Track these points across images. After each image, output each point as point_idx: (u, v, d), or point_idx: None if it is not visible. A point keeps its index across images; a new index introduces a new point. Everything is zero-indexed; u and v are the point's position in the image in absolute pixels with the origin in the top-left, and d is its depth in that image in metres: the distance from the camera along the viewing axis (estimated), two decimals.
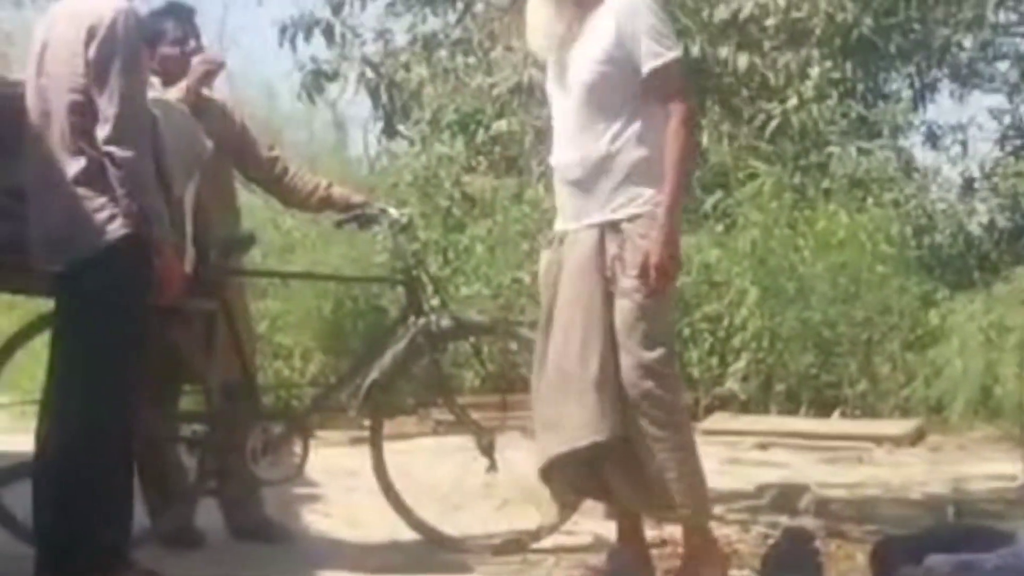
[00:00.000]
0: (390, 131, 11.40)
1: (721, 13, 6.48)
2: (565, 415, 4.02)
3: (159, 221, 3.89)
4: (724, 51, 6.94)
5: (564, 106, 4.17)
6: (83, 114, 3.83)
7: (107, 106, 3.79)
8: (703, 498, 4.16)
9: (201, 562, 4.56)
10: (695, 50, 6.88)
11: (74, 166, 3.84)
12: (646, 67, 3.98)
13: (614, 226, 4.02)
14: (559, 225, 4.23)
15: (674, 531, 4.72)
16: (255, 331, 5.53)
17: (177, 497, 4.72)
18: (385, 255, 8.57)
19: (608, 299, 3.99)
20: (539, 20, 4.19)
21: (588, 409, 3.97)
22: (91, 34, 3.80)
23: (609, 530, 4.70)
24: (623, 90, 4.03)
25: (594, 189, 4.06)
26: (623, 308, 3.98)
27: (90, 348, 3.88)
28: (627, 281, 3.97)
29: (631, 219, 4.01)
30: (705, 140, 9.94)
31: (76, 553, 3.84)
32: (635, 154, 4.03)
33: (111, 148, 3.78)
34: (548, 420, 4.10)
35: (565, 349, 4.04)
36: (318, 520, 5.40)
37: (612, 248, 4.01)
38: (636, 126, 4.03)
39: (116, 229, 3.83)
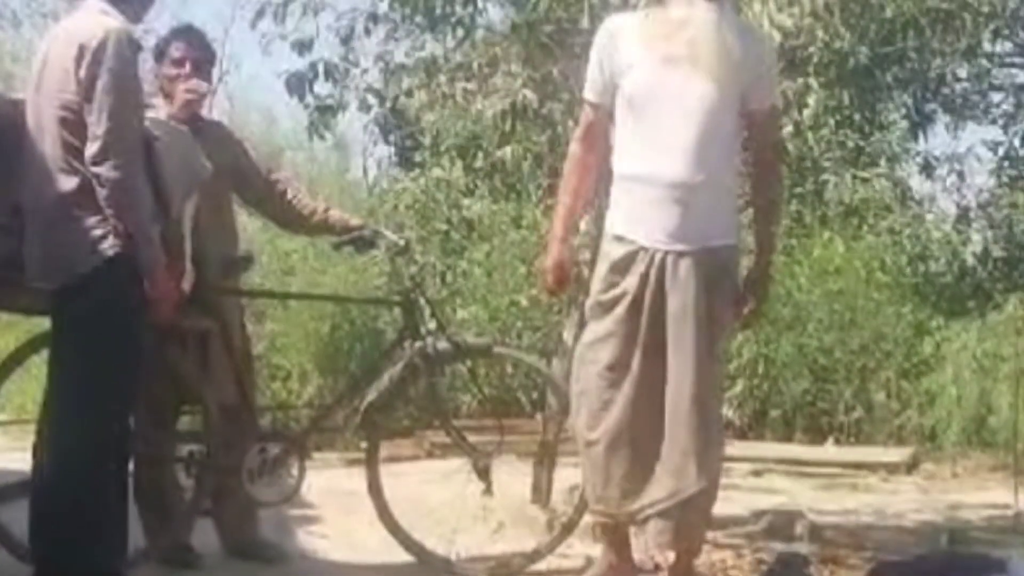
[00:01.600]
0: (404, 162, 11.46)
1: None
2: (706, 446, 3.99)
3: (147, 241, 3.87)
4: None
5: (679, 120, 4.02)
6: (73, 132, 3.83)
7: (95, 125, 3.79)
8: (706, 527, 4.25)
9: None
10: None
11: (67, 184, 3.84)
12: (760, 105, 4.06)
13: (718, 252, 4.03)
14: (646, 242, 4.04)
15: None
16: (253, 352, 5.54)
17: (174, 517, 4.73)
18: (384, 278, 8.59)
19: (710, 328, 3.99)
20: (670, 25, 4.05)
21: (715, 441, 4.05)
22: (82, 53, 3.82)
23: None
24: (732, 118, 4.05)
25: (697, 211, 3.99)
26: (712, 336, 4.00)
27: (83, 367, 3.88)
28: (723, 312, 4.03)
29: (730, 249, 4.07)
30: None
31: (72, 572, 3.84)
32: (730, 184, 4.11)
33: (98, 168, 3.78)
34: (684, 453, 3.98)
35: (698, 382, 3.96)
36: (314, 541, 5.40)
37: (714, 276, 4.00)
38: (733, 156, 4.11)
39: (107, 248, 3.83)
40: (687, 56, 3.99)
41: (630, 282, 4.02)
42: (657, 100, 4.04)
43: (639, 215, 4.06)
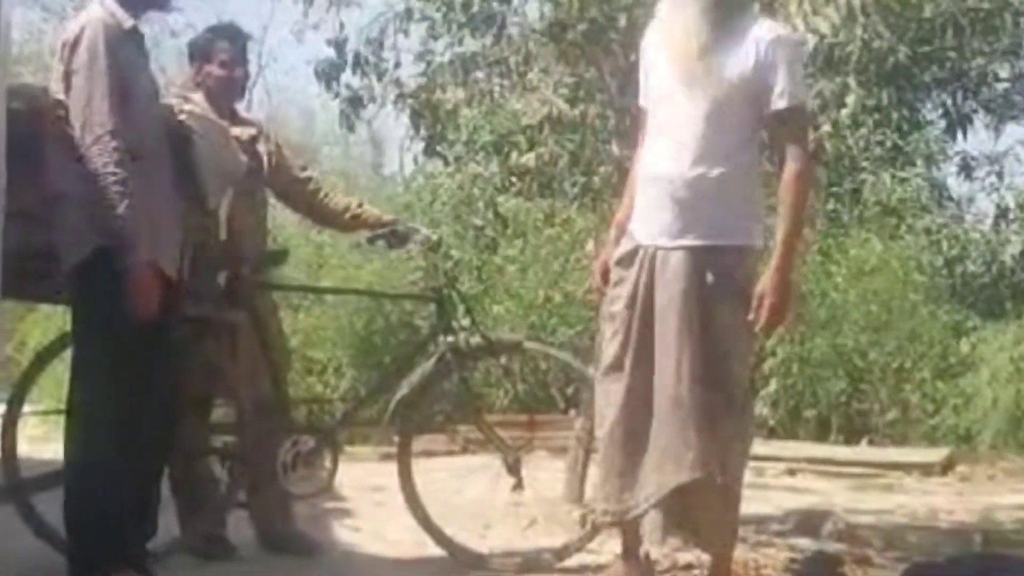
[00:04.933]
0: (430, 152, 11.48)
1: None
2: (687, 443, 3.93)
3: (121, 236, 3.81)
4: None
5: (684, 118, 4.00)
6: (60, 126, 3.85)
7: (74, 118, 3.82)
8: (735, 532, 4.21)
9: (231, 573, 4.60)
10: None
11: (62, 177, 3.88)
12: (774, 105, 3.92)
13: (719, 251, 3.95)
14: (645, 240, 4.06)
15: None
16: (288, 346, 5.57)
17: (208, 509, 4.77)
18: (419, 273, 8.63)
19: (704, 325, 3.94)
20: (678, 22, 4.03)
21: (710, 437, 3.95)
22: (63, 49, 3.88)
23: None
24: (745, 116, 3.97)
25: (699, 209, 3.96)
26: (719, 339, 3.93)
27: (79, 357, 3.96)
28: (722, 311, 3.94)
29: (734, 249, 3.97)
30: None
31: (105, 561, 3.88)
32: (745, 184, 4.00)
33: (77, 162, 3.80)
34: (664, 448, 3.97)
35: (678, 377, 3.93)
36: (347, 534, 5.44)
37: (710, 275, 3.94)
38: (748, 155, 4.01)
39: (92, 241, 3.83)
40: (697, 57, 3.97)
41: (628, 280, 4.05)
42: (667, 102, 4.06)
43: (643, 214, 4.09)
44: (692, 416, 3.91)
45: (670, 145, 4.03)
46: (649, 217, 4.06)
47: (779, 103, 3.92)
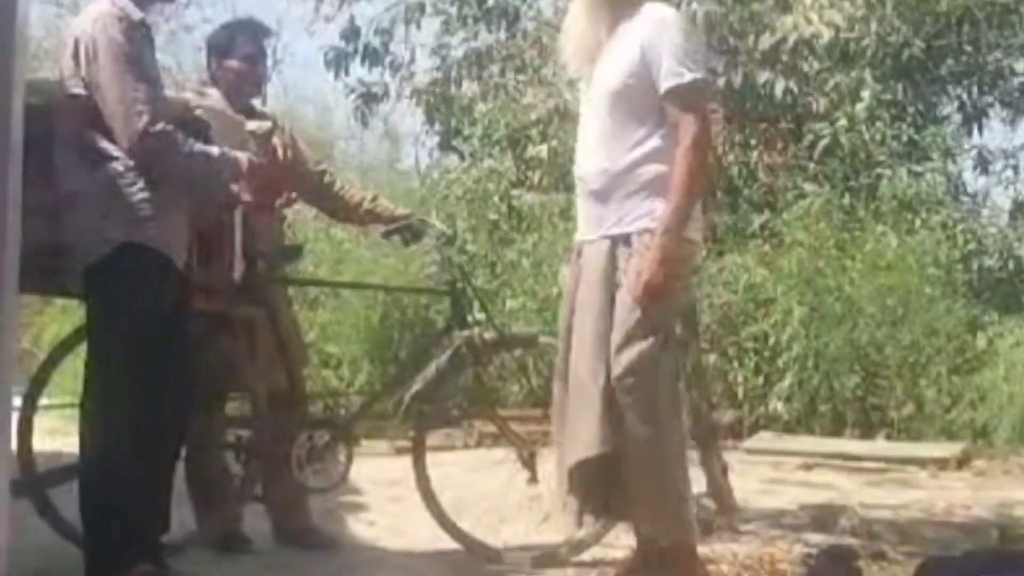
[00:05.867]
0: (446, 147, 11.55)
1: (764, 43, 6.50)
2: (581, 426, 4.04)
3: (142, 231, 3.86)
4: (764, 77, 6.97)
5: (590, 116, 4.18)
6: (75, 123, 3.88)
7: (109, 117, 3.84)
8: (683, 520, 4.14)
9: (247, 567, 4.61)
10: (737, 78, 6.92)
11: (76, 174, 3.89)
12: (664, 85, 3.98)
13: (626, 239, 4.04)
14: (578, 236, 4.25)
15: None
16: (303, 340, 5.59)
17: (223, 502, 4.78)
18: (434, 268, 8.64)
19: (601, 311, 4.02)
20: (574, 32, 4.22)
21: (597, 421, 3.99)
22: (76, 47, 3.89)
23: None
24: (646, 104, 4.02)
25: (611, 201, 4.06)
26: (619, 322, 3.99)
27: (94, 353, 3.96)
28: (626, 295, 4.00)
29: (642, 233, 4.01)
30: (753, 158, 9.96)
31: (115, 555, 3.89)
32: (653, 169, 4.01)
33: (95, 159, 3.83)
34: (567, 431, 4.12)
35: (579, 360, 4.06)
36: (363, 528, 5.45)
37: (621, 261, 4.02)
38: (656, 141, 4.03)
39: (111, 239, 3.85)
40: (594, 56, 4.14)
41: (569, 278, 4.25)
42: (583, 103, 4.28)
43: (578, 212, 4.26)
44: (598, 399, 3.98)
45: (584, 143, 4.20)
46: (579, 214, 4.24)
47: (667, 82, 3.98)
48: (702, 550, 4.76)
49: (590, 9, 4.17)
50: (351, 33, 8.35)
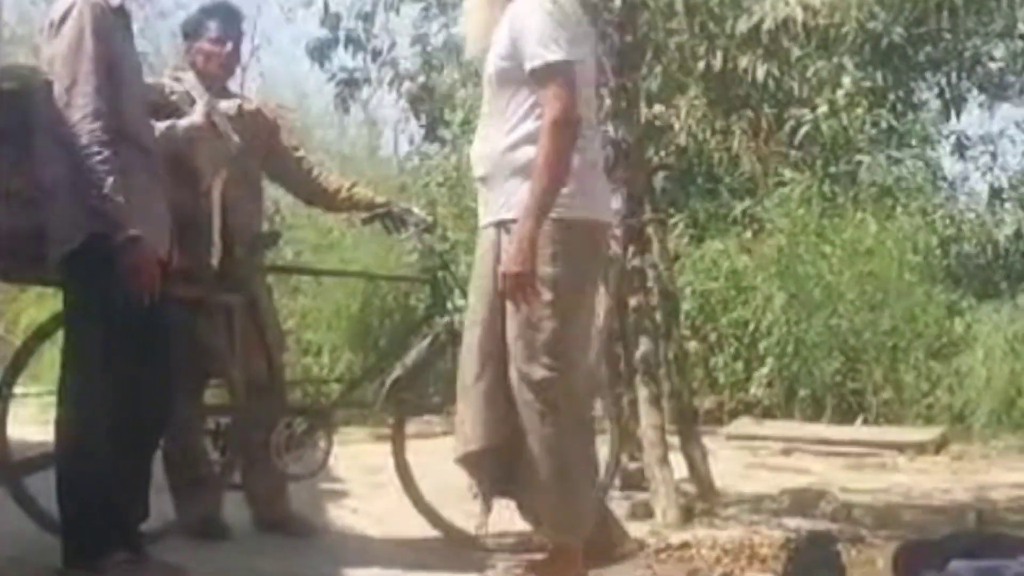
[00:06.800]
0: (432, 136, 11.53)
1: (742, 25, 6.49)
2: (465, 418, 4.06)
3: (111, 218, 3.78)
4: (745, 61, 6.96)
5: (484, 106, 4.17)
6: (48, 110, 3.83)
7: (57, 98, 3.79)
8: (573, 523, 4.08)
9: (226, 554, 4.60)
10: (717, 61, 6.91)
11: (52, 161, 3.85)
12: (527, 66, 3.92)
13: (507, 225, 3.96)
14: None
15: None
16: (281, 327, 5.57)
17: (202, 490, 4.76)
18: (414, 255, 8.61)
19: (503, 304, 3.95)
20: (472, 14, 4.25)
21: (476, 415, 4.02)
22: (50, 26, 3.86)
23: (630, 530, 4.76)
24: (520, 89, 3.97)
25: (495, 186, 4.03)
26: (509, 315, 3.95)
27: (71, 341, 3.94)
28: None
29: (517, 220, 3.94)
30: (735, 146, 9.97)
31: (98, 542, 3.88)
32: (530, 153, 3.92)
33: (66, 145, 3.79)
34: (456, 420, 4.16)
35: (467, 353, 4.07)
36: (343, 516, 5.44)
37: (503, 249, 3.95)
38: (531, 124, 3.95)
39: (84, 228, 3.81)
40: (480, 47, 4.16)
41: None
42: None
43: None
44: (480, 394, 4.00)
45: (478, 133, 4.18)
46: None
47: (529, 64, 3.94)
48: (683, 535, 4.77)
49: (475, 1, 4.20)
50: (332, 20, 8.33)
